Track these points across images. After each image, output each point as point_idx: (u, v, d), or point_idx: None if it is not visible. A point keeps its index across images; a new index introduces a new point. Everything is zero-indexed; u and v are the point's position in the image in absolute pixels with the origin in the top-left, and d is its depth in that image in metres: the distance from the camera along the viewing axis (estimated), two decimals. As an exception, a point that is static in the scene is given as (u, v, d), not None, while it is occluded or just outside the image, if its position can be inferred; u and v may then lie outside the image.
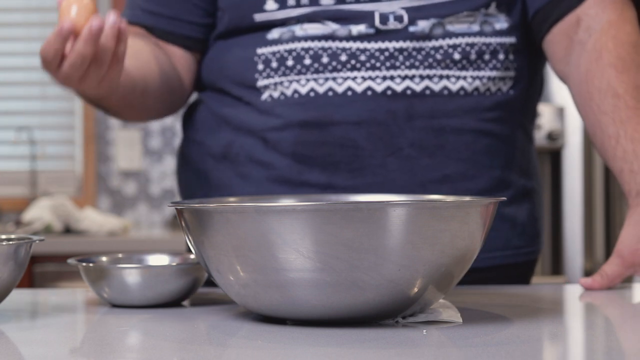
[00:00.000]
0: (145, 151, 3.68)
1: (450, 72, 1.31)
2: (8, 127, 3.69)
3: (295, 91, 1.31)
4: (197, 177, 1.41)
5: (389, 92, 1.29)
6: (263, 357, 0.82)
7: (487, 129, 1.33)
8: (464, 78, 1.31)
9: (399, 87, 1.29)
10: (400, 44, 1.30)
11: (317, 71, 1.30)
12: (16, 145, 3.67)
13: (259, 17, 1.34)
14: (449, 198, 1.10)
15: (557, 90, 2.81)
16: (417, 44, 1.30)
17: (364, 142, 1.30)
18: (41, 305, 1.18)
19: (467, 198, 1.05)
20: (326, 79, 1.30)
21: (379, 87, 1.29)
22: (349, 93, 1.29)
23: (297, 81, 1.31)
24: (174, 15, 1.40)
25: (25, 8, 3.74)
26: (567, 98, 2.62)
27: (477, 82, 1.32)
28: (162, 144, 3.68)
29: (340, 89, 1.30)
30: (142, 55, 1.36)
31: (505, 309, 1.07)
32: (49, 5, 3.73)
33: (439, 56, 1.31)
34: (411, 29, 1.30)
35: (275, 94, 1.33)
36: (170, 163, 3.67)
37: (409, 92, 1.29)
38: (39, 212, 3.20)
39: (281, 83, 1.32)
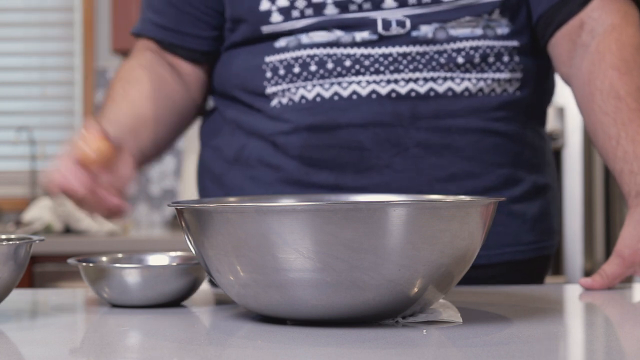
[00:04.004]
0: (145, 151, 3.67)
1: (454, 75, 1.32)
2: (8, 127, 3.69)
3: (302, 97, 1.33)
4: (213, 181, 1.44)
5: (393, 95, 1.30)
6: (263, 357, 0.82)
7: (493, 128, 1.34)
8: (469, 79, 1.32)
9: (403, 90, 1.30)
10: (403, 49, 1.31)
11: (322, 77, 1.32)
12: (16, 145, 3.67)
13: (266, 29, 1.35)
14: (449, 198, 1.10)
15: (558, 90, 2.80)
16: (420, 48, 1.31)
17: (370, 144, 1.31)
18: (41, 305, 1.18)
19: (467, 198, 1.05)
20: (331, 84, 1.32)
21: (384, 90, 1.30)
22: (354, 97, 1.31)
23: (304, 87, 1.33)
24: (180, 28, 1.43)
25: (25, 8, 3.74)
26: (567, 98, 2.62)
27: (482, 84, 1.33)
28: (162, 144, 3.67)
29: (345, 93, 1.31)
30: (162, 103, 1.42)
31: (505, 309, 1.07)
32: (49, 5, 3.73)
33: (442, 60, 1.31)
34: (414, 33, 1.31)
35: (284, 100, 1.35)
36: (170, 163, 3.67)
37: (413, 94, 1.30)
38: (39, 212, 3.20)
39: (289, 89, 1.34)
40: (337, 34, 1.32)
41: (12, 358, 0.84)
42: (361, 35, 1.31)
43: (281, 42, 1.35)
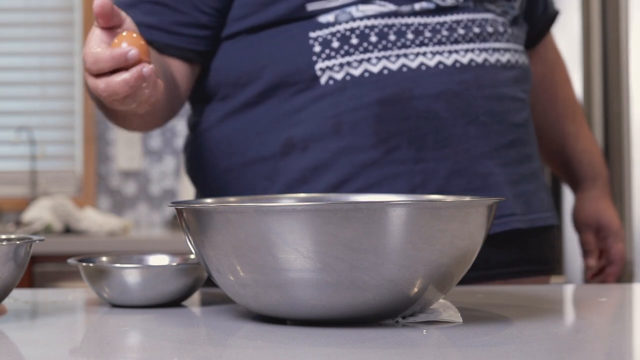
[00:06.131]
0: (145, 151, 3.68)
1: (499, 45, 1.37)
2: (8, 127, 3.69)
3: (366, 70, 1.31)
4: (265, 177, 1.36)
5: (457, 65, 1.34)
6: (263, 357, 0.82)
7: (527, 99, 1.43)
8: (506, 50, 1.39)
9: (464, 60, 1.34)
10: (455, 17, 1.35)
11: (385, 48, 1.31)
12: (16, 145, 3.67)
13: (312, 6, 1.32)
14: (449, 198, 1.10)
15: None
16: (470, 16, 1.36)
17: (445, 113, 1.32)
18: (41, 305, 1.18)
19: (467, 198, 1.06)
20: (397, 57, 1.32)
21: (448, 61, 1.33)
22: (423, 68, 1.32)
23: (367, 60, 1.31)
24: (172, 28, 1.36)
25: (25, 8, 3.74)
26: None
27: (517, 56, 1.40)
28: (162, 144, 3.68)
29: (413, 65, 1.32)
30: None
31: (505, 309, 1.07)
32: (49, 5, 3.73)
33: (490, 29, 1.37)
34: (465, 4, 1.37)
35: (338, 76, 1.31)
36: (170, 163, 3.67)
37: (473, 63, 1.35)
38: (39, 212, 3.21)
39: (348, 63, 1.31)
40: (390, 7, 1.32)
41: (12, 358, 0.84)
42: (420, 5, 1.33)
43: (328, 17, 1.32)
